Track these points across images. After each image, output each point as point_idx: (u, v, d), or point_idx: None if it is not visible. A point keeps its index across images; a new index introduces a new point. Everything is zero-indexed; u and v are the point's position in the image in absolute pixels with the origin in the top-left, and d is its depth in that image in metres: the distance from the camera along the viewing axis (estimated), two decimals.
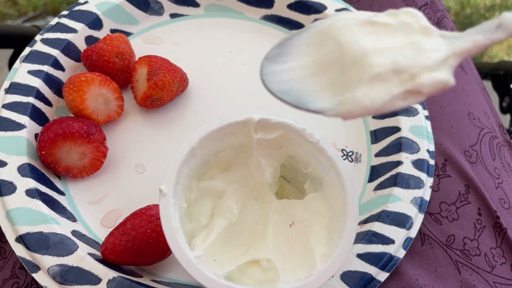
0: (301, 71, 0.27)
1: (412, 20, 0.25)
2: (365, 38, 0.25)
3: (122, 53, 0.49)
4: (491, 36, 0.24)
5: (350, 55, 0.25)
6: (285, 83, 0.27)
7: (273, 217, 0.36)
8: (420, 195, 0.45)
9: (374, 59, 0.24)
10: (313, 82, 0.27)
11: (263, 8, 0.58)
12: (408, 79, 0.24)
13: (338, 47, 0.25)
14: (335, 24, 0.26)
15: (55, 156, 0.44)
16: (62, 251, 0.40)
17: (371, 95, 0.24)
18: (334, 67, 0.26)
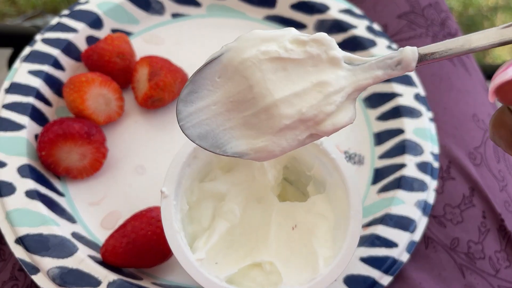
0: (215, 108, 0.27)
1: (320, 50, 0.26)
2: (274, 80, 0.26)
3: (123, 53, 0.49)
4: (390, 72, 0.26)
5: (261, 101, 0.26)
6: (201, 125, 0.28)
7: (276, 219, 0.36)
8: (424, 198, 0.45)
9: (283, 111, 0.26)
10: (227, 118, 0.27)
11: (266, 8, 0.57)
12: (313, 125, 0.26)
13: (249, 87, 0.26)
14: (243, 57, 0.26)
15: (55, 157, 0.43)
16: (62, 253, 0.39)
17: (281, 144, 0.27)
18: (247, 107, 0.27)
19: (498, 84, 0.22)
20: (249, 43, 0.26)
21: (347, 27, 0.55)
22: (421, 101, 0.51)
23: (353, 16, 0.56)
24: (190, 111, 0.28)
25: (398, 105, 0.50)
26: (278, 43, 0.26)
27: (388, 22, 0.58)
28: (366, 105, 0.53)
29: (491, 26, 1.57)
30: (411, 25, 0.58)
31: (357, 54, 0.54)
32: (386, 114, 0.51)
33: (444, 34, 0.58)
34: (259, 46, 0.26)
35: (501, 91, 0.22)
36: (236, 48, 0.26)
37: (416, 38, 0.57)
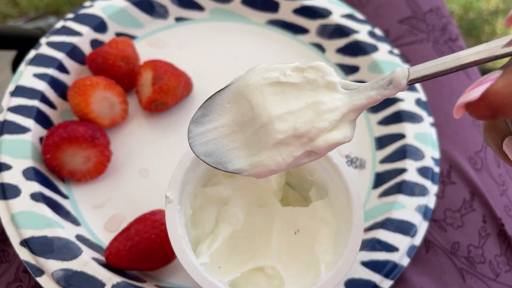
0: (223, 129, 0.30)
1: (317, 76, 0.28)
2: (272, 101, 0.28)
3: (127, 57, 0.49)
4: (383, 92, 0.26)
5: (259, 119, 0.28)
6: (208, 144, 0.30)
7: (278, 224, 0.36)
8: (425, 202, 0.45)
9: (278, 126, 0.27)
10: (232, 140, 0.30)
11: (269, 13, 0.58)
12: (308, 141, 0.27)
13: (251, 108, 0.28)
14: (249, 83, 0.29)
15: (60, 159, 0.44)
16: (66, 255, 0.40)
17: (276, 159, 0.28)
18: (249, 127, 0.29)
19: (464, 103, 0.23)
20: (255, 73, 0.29)
21: (349, 32, 0.55)
22: (422, 106, 0.51)
23: (355, 21, 0.56)
24: (199, 131, 0.30)
25: (399, 110, 0.51)
26: (279, 71, 0.29)
27: (390, 27, 0.59)
28: (368, 110, 0.54)
29: (491, 30, 1.57)
30: (412, 30, 0.58)
31: (359, 59, 0.55)
32: (388, 118, 0.52)
33: (445, 39, 0.58)
34: (263, 74, 0.29)
35: (468, 108, 0.23)
36: (243, 78, 0.29)
37: (418, 43, 0.57)
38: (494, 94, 0.22)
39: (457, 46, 0.58)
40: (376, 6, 0.60)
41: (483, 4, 1.66)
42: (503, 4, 1.67)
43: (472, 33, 1.61)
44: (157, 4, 0.56)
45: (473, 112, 0.23)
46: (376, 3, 0.60)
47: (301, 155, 0.28)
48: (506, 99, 0.22)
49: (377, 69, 0.53)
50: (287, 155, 0.28)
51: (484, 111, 0.23)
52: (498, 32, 1.60)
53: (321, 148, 0.27)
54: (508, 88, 0.22)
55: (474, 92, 0.23)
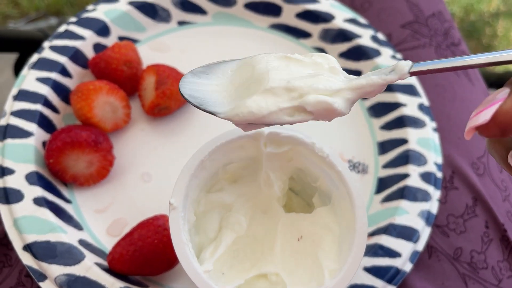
0: (217, 87, 0.30)
1: (323, 61, 0.28)
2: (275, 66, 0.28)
3: (130, 61, 0.49)
4: (384, 77, 0.27)
5: (256, 72, 0.28)
6: (197, 91, 0.30)
7: (281, 230, 0.36)
8: (427, 208, 0.45)
9: (272, 75, 0.27)
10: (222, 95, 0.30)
11: (271, 17, 0.58)
12: (297, 97, 0.27)
13: (252, 69, 0.29)
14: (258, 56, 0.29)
15: (63, 164, 0.44)
16: (69, 260, 0.40)
17: (260, 103, 0.27)
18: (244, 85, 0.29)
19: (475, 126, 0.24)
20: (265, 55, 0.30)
21: (352, 37, 0.55)
22: (425, 111, 0.51)
23: (358, 25, 0.56)
24: (194, 80, 0.30)
25: (402, 115, 0.51)
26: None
27: (392, 32, 0.59)
28: (370, 114, 0.54)
29: (492, 32, 1.57)
30: (415, 35, 0.58)
31: (361, 63, 0.55)
32: (390, 123, 0.52)
33: (448, 44, 0.58)
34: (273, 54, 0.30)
35: (479, 129, 0.24)
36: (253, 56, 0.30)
37: (420, 48, 0.57)
38: (504, 114, 0.22)
39: (460, 50, 0.58)
40: (379, 10, 0.60)
41: (484, 6, 1.66)
42: (504, 6, 1.67)
43: (473, 35, 1.61)
44: (160, 8, 0.56)
45: (484, 133, 0.24)
46: (379, 7, 0.60)
47: (286, 108, 0.27)
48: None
49: None
50: (272, 104, 0.27)
51: (494, 131, 0.23)
52: (499, 34, 1.60)
53: (309, 103, 0.27)
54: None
55: (484, 115, 0.23)
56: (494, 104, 0.23)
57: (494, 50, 1.70)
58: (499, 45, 1.57)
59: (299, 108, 0.27)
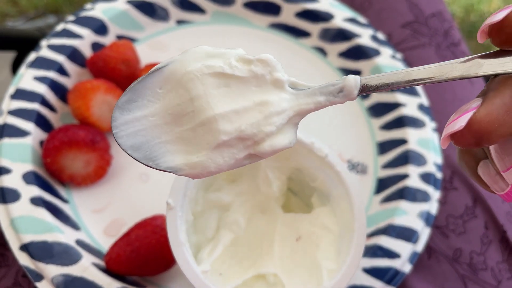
0: (153, 119, 0.26)
1: (265, 71, 0.26)
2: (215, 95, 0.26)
3: (128, 60, 0.49)
4: (332, 99, 0.26)
5: (200, 115, 0.26)
6: (136, 135, 0.26)
7: (280, 231, 0.36)
8: (427, 209, 0.45)
9: (222, 126, 0.25)
10: (164, 131, 0.26)
11: (270, 16, 0.58)
12: (252, 144, 0.26)
13: (190, 100, 0.26)
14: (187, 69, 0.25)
15: (60, 164, 0.43)
16: (66, 260, 0.39)
17: (217, 161, 0.26)
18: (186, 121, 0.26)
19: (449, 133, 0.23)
20: (194, 57, 0.26)
21: (351, 36, 0.55)
22: (425, 111, 0.51)
23: (357, 25, 0.56)
24: (126, 120, 0.26)
25: (401, 115, 0.51)
26: (223, 60, 0.26)
27: (392, 31, 0.58)
28: (370, 114, 0.53)
29: None
30: (415, 35, 0.58)
31: (361, 63, 0.55)
32: (390, 123, 0.51)
33: (448, 44, 0.58)
34: (205, 60, 0.26)
35: (454, 138, 0.23)
36: (180, 60, 0.26)
37: (420, 48, 0.57)
38: (478, 123, 0.22)
39: (460, 50, 0.58)
40: (379, 10, 0.60)
41: (485, 6, 1.65)
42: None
43: (473, 36, 1.60)
44: (158, 7, 0.56)
45: (459, 142, 0.23)
46: (379, 7, 0.60)
47: (243, 157, 0.26)
48: (489, 127, 0.22)
49: None
50: (229, 157, 0.26)
51: (469, 140, 0.23)
52: None
53: (265, 153, 0.26)
54: (490, 116, 0.22)
55: (459, 122, 0.23)
56: (467, 113, 0.23)
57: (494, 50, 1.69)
58: None
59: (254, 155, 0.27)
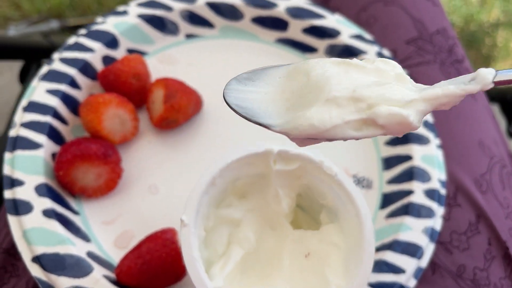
0: (266, 96, 0.27)
1: (388, 67, 0.25)
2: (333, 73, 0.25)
3: (139, 74, 0.50)
4: (463, 87, 0.24)
5: (314, 80, 0.25)
6: (245, 100, 0.27)
7: (289, 247, 0.37)
8: (431, 225, 0.46)
9: (334, 85, 0.24)
10: (273, 105, 0.26)
11: (278, 31, 0.59)
12: (365, 108, 0.24)
13: (307, 80, 0.26)
14: (311, 62, 0.26)
15: (72, 176, 0.44)
16: (78, 272, 0.40)
17: (322, 115, 0.24)
18: (297, 93, 0.26)
19: None
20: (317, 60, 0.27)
21: (357, 53, 0.56)
22: (430, 128, 0.52)
23: (363, 41, 0.57)
24: (239, 88, 0.27)
25: None
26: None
27: (397, 48, 0.60)
28: None
29: (492, 42, 1.57)
30: (419, 51, 0.59)
31: None
32: (395, 139, 0.52)
33: (452, 61, 0.59)
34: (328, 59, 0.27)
35: None
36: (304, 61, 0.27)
37: (425, 65, 0.58)
38: None
39: (463, 68, 0.59)
40: (384, 26, 0.61)
41: (484, 16, 1.67)
42: (504, 17, 1.68)
43: (473, 45, 1.62)
44: (168, 21, 0.57)
45: None
46: (384, 23, 0.61)
47: (352, 121, 0.24)
48: None
49: None
50: (336, 116, 0.24)
51: None
52: (498, 45, 1.61)
53: (381, 116, 0.23)
54: None
55: None
56: None
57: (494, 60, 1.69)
58: (499, 55, 1.59)
59: (367, 121, 0.24)
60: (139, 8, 0.56)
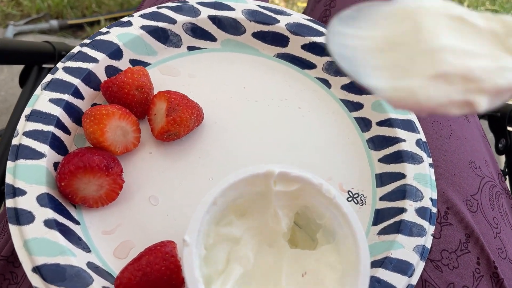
0: (369, 42, 0.25)
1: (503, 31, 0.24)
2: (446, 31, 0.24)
3: (142, 86, 0.51)
4: None
5: (425, 43, 0.24)
6: (348, 48, 0.25)
7: (287, 266, 0.38)
8: (422, 243, 0.47)
9: (448, 57, 0.23)
10: (377, 57, 0.25)
11: (278, 47, 0.60)
12: (475, 90, 0.23)
13: (416, 30, 0.24)
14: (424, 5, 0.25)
15: (74, 187, 0.45)
16: (78, 284, 0.41)
17: (430, 92, 0.23)
18: (404, 49, 0.24)
19: None
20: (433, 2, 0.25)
21: None
22: (423, 147, 0.53)
23: None
24: (341, 31, 0.25)
25: (400, 150, 0.53)
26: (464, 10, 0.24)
27: None
28: (370, 147, 0.56)
29: None
30: None
31: (363, 97, 0.57)
32: (389, 157, 0.54)
33: None
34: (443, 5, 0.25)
35: None
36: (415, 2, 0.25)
37: None
38: None
39: None
40: None
41: None
42: None
43: None
44: (171, 33, 0.58)
45: None
46: None
47: (457, 102, 0.23)
48: None
49: (381, 109, 0.55)
50: (443, 95, 0.23)
51: None
52: None
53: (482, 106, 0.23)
54: None
55: None
56: None
57: None
58: None
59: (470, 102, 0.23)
60: (143, 20, 0.56)
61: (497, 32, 0.24)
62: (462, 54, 0.23)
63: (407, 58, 0.24)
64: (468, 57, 0.23)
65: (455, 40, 0.24)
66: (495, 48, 0.24)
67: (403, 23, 0.25)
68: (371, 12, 0.26)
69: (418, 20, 0.24)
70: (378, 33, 0.25)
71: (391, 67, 0.24)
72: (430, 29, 0.24)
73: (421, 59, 0.23)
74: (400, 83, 0.23)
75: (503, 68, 0.23)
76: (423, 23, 0.24)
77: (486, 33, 0.24)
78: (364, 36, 0.25)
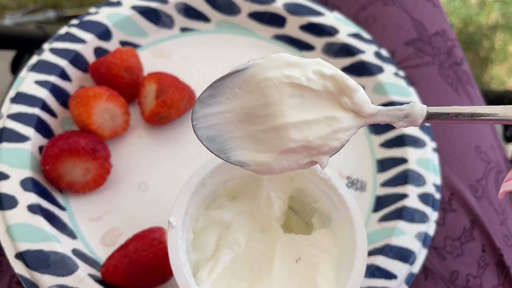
0: (229, 115, 0.29)
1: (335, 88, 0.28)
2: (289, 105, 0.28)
3: (131, 67, 0.49)
4: (397, 122, 0.28)
5: (273, 121, 0.28)
6: (212, 128, 0.29)
7: (280, 251, 0.36)
8: (425, 230, 0.45)
9: (292, 134, 0.28)
10: (237, 128, 0.29)
11: (275, 28, 0.58)
12: (316, 154, 0.28)
13: (265, 105, 0.28)
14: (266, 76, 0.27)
15: (59, 171, 0.43)
16: (62, 270, 0.39)
17: (282, 163, 0.28)
18: (259, 122, 0.28)
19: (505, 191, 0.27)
20: (274, 64, 0.28)
21: (355, 52, 0.55)
22: (426, 131, 0.51)
23: (361, 40, 0.56)
24: (205, 113, 0.29)
25: (402, 134, 0.51)
26: (301, 71, 0.28)
27: (396, 49, 0.59)
28: (370, 131, 0.53)
29: (490, 45, 1.57)
30: (418, 53, 0.58)
31: (363, 79, 0.55)
32: (390, 141, 0.51)
33: (450, 63, 0.58)
34: (284, 69, 0.28)
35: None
36: (261, 66, 0.28)
37: (423, 66, 0.57)
38: None
39: (462, 70, 0.58)
40: (383, 26, 0.60)
41: (483, 18, 1.66)
42: (502, 19, 1.68)
43: (471, 47, 1.62)
44: (163, 14, 0.55)
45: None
46: (383, 23, 0.60)
47: (305, 163, 0.28)
48: None
49: (382, 91, 0.53)
50: (293, 162, 0.28)
51: None
52: (496, 47, 1.61)
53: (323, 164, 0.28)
54: None
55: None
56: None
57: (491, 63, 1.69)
58: (496, 58, 1.58)
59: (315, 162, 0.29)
60: (134, 0, 0.54)
61: (331, 91, 0.28)
62: (303, 126, 0.28)
63: (261, 131, 0.28)
64: (308, 128, 0.28)
65: (296, 114, 0.28)
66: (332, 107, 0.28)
67: (254, 95, 0.28)
68: (226, 84, 0.29)
69: (265, 93, 0.28)
70: (234, 104, 0.29)
71: (250, 138, 0.29)
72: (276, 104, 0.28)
73: (272, 134, 0.28)
74: (259, 159, 0.29)
75: (336, 131, 0.28)
76: (270, 97, 0.28)
77: (323, 93, 0.28)
78: (224, 110, 0.29)
